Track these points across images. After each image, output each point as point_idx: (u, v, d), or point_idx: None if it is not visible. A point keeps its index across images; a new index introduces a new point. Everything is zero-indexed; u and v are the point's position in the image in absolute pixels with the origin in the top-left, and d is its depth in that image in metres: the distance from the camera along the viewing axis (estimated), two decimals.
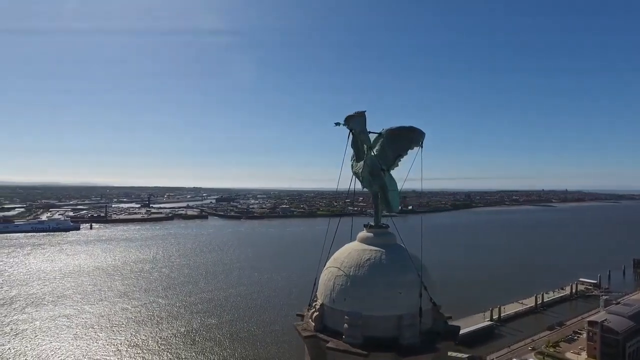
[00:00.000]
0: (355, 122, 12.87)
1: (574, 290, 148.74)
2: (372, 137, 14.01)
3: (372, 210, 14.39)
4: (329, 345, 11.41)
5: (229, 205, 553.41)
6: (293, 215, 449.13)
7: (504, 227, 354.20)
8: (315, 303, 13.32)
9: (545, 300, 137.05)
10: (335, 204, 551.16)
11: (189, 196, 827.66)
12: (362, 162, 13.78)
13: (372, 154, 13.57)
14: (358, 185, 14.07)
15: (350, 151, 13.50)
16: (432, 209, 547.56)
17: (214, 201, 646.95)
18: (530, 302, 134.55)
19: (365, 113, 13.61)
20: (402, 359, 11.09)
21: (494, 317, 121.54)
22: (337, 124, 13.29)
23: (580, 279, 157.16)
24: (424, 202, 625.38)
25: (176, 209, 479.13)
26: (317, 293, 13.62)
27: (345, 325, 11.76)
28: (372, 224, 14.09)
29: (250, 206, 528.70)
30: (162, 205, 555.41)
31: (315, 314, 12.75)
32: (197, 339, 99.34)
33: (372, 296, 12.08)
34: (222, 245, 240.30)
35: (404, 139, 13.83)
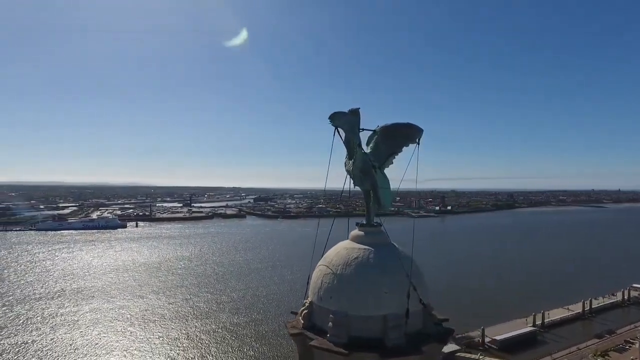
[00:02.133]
0: (340, 120, 12.66)
1: (626, 297, 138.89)
2: (368, 134, 13.93)
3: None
4: (312, 343, 11.36)
5: (267, 204, 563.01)
6: (329, 215, 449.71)
7: (549, 229, 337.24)
8: (305, 301, 13.33)
9: (594, 307, 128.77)
10: None
11: (228, 196, 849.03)
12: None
13: (362, 151, 13.36)
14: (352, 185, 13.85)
15: (336, 149, 13.32)
16: (471, 209, 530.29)
17: (252, 201, 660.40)
18: (577, 308, 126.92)
19: (359, 110, 13.28)
20: (385, 359, 10.81)
21: (536, 323, 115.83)
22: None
23: (634, 285, 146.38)
24: (464, 202, 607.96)
25: (216, 208, 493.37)
26: (308, 291, 13.58)
27: (330, 324, 11.66)
28: (365, 222, 13.89)
29: (287, 206, 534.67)
30: (202, 205, 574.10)
31: (305, 311, 12.78)
32: (226, 336, 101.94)
33: (357, 295, 11.87)
34: (258, 244, 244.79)
35: (399, 136, 13.63)
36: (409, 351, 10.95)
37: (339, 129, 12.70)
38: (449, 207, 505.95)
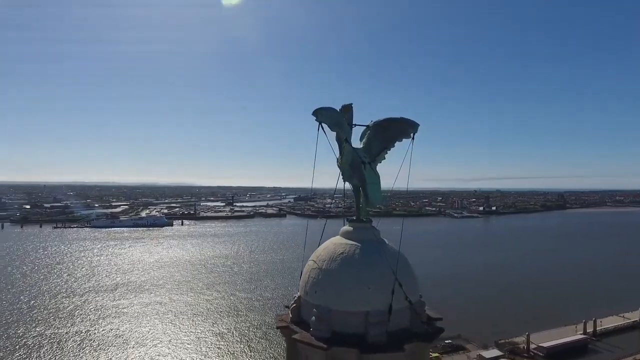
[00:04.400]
0: (324, 116, 12.58)
1: None
2: (362, 129, 13.85)
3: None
4: (294, 336, 11.49)
5: (306, 204, 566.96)
6: (369, 214, 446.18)
7: (603, 231, 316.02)
8: (295, 295, 13.45)
9: None
10: (413, 203, 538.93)
11: (268, 195, 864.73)
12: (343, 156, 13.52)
13: (351, 146, 13.28)
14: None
15: (321, 147, 13.31)
16: (518, 210, 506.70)
17: (292, 200, 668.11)
18: (633, 317, 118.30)
19: (352, 106, 13.38)
20: (365, 355, 10.70)
21: (587, 331, 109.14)
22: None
23: None
24: (509, 202, 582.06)
25: (257, 208, 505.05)
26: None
27: (313, 318, 11.69)
28: (354, 218, 13.84)
29: (327, 205, 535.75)
30: (244, 204, 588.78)
31: (294, 305, 12.94)
32: (257, 334, 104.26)
33: (340, 290, 11.84)
34: (296, 242, 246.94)
35: (392, 131, 13.45)
36: (390, 348, 10.76)
37: (324, 125, 12.65)
38: (494, 208, 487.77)
